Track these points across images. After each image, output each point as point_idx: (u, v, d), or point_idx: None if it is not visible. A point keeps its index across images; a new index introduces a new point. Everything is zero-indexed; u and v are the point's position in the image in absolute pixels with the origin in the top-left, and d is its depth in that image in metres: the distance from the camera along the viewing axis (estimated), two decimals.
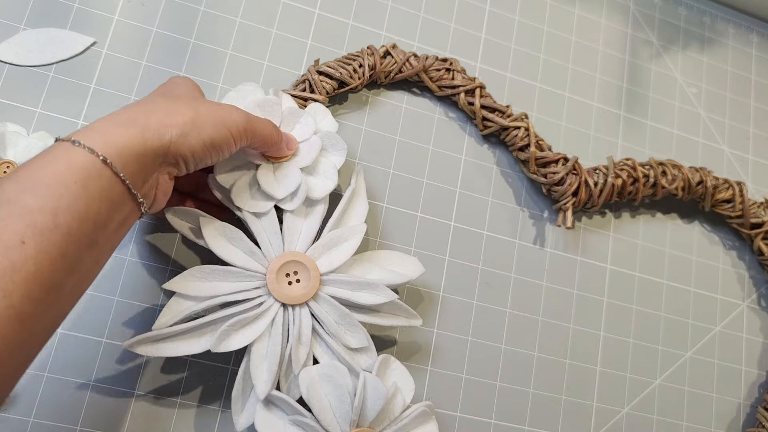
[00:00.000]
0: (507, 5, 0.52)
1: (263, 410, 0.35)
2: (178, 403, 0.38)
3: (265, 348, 0.35)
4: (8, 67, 0.40)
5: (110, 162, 0.28)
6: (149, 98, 0.33)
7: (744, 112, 0.57)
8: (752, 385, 0.50)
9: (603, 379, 0.46)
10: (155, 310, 0.39)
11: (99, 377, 0.37)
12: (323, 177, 0.39)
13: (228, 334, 0.35)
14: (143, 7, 0.44)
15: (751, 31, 0.60)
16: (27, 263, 0.24)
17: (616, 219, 0.50)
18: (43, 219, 0.25)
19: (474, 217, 0.46)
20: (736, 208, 0.50)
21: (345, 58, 0.45)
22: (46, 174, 0.26)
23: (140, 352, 0.34)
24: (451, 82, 0.47)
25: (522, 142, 0.46)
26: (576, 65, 0.53)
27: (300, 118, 0.40)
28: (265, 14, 0.46)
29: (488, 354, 0.44)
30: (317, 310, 0.37)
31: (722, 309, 0.51)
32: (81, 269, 0.27)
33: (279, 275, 0.36)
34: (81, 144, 0.28)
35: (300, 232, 0.38)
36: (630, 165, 0.48)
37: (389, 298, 0.38)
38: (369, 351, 0.38)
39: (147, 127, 0.30)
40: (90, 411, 0.37)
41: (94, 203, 0.27)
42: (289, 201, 0.38)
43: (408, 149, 0.46)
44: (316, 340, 0.37)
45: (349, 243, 0.38)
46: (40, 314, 0.25)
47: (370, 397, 0.36)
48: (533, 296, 0.46)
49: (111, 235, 0.29)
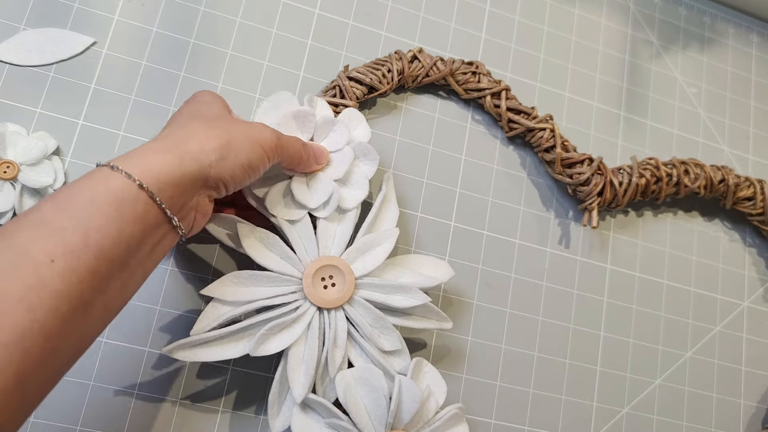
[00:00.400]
0: (507, 5, 0.52)
1: (300, 413, 0.36)
2: (178, 402, 0.38)
3: (302, 352, 0.36)
4: (8, 67, 0.40)
5: (146, 187, 0.28)
6: (180, 122, 0.33)
7: (744, 112, 0.57)
8: (752, 385, 0.50)
9: (603, 379, 0.46)
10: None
11: (99, 377, 0.37)
12: (355, 187, 0.40)
13: (266, 338, 0.35)
14: (143, 7, 0.44)
15: (751, 31, 0.60)
16: (54, 280, 0.25)
17: (616, 219, 0.50)
18: (74, 239, 0.26)
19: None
20: (757, 206, 0.51)
21: (373, 63, 0.45)
22: (83, 196, 0.27)
23: (179, 358, 0.35)
24: (477, 85, 0.47)
25: (547, 144, 0.47)
26: (576, 65, 0.53)
27: (334, 128, 0.40)
28: (265, 14, 0.46)
29: (489, 354, 0.44)
30: (352, 314, 0.37)
31: (722, 309, 0.51)
32: (110, 290, 0.28)
33: (315, 279, 0.37)
34: (119, 169, 0.28)
35: (334, 237, 0.39)
36: (653, 164, 0.49)
37: (422, 301, 0.38)
38: (402, 354, 0.38)
39: (185, 152, 0.30)
40: (90, 411, 0.37)
41: (127, 226, 0.28)
42: (321, 209, 0.38)
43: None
44: (351, 343, 0.38)
45: (382, 247, 0.39)
46: (67, 332, 0.26)
47: (405, 400, 0.36)
48: (534, 296, 0.46)
49: (144, 258, 0.29)
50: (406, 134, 0.47)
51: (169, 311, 0.39)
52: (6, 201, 0.37)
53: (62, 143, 0.40)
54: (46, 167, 0.38)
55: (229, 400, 0.39)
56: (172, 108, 0.42)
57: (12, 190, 0.37)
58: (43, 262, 0.25)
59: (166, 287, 0.40)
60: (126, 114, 0.42)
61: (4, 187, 0.37)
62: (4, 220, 0.37)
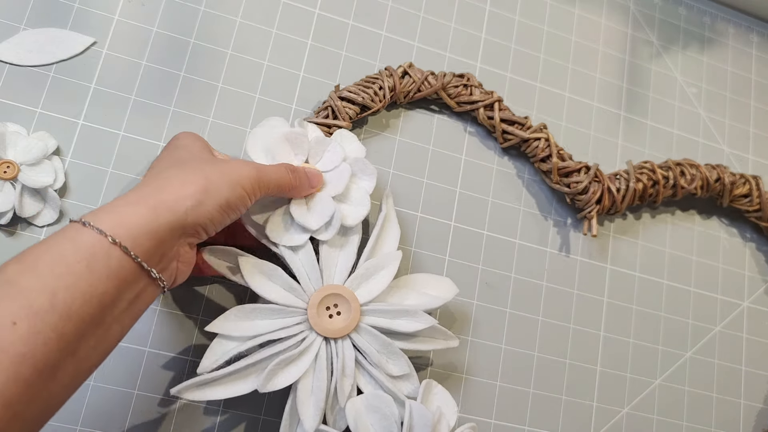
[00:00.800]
0: (507, 5, 0.52)
1: None
2: (178, 402, 0.38)
3: (311, 384, 0.36)
4: (8, 67, 0.40)
5: (119, 242, 0.27)
6: (158, 170, 0.33)
7: (744, 112, 0.57)
8: (752, 385, 0.50)
9: (603, 379, 0.46)
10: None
11: (100, 377, 0.37)
12: (356, 203, 0.39)
13: (274, 373, 0.35)
14: (143, 7, 0.44)
15: (751, 31, 0.60)
16: (17, 344, 0.24)
17: (616, 219, 0.50)
18: (40, 300, 0.25)
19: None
20: (753, 202, 0.51)
21: (364, 81, 0.45)
22: (51, 255, 0.26)
23: (188, 398, 0.35)
24: (470, 97, 0.47)
25: (543, 153, 0.46)
26: (576, 65, 0.53)
27: (328, 147, 0.40)
28: (265, 14, 0.46)
29: (489, 354, 0.44)
30: (359, 342, 0.37)
31: (722, 309, 0.51)
32: (82, 349, 0.27)
33: (320, 309, 0.37)
34: (90, 225, 0.27)
35: (337, 264, 0.38)
36: (649, 168, 0.49)
37: (429, 324, 0.38)
38: (411, 377, 0.38)
39: (160, 203, 0.29)
40: (90, 411, 0.37)
41: (100, 283, 0.27)
42: (324, 231, 0.38)
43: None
44: (359, 370, 0.37)
45: (386, 271, 0.39)
46: (30, 397, 0.24)
47: (416, 425, 0.36)
48: (534, 296, 0.46)
49: (121, 314, 0.28)
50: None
51: (168, 311, 0.39)
52: (6, 201, 0.37)
53: (62, 143, 0.40)
54: (46, 167, 0.38)
55: (230, 400, 0.39)
56: (173, 108, 0.42)
57: (12, 190, 0.37)
58: (5, 326, 0.24)
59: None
60: (126, 114, 0.42)
61: (4, 187, 0.37)
62: (4, 220, 0.37)
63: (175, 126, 0.42)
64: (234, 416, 0.39)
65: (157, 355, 0.38)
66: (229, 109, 0.43)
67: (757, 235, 0.54)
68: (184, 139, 0.35)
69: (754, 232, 0.54)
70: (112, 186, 0.40)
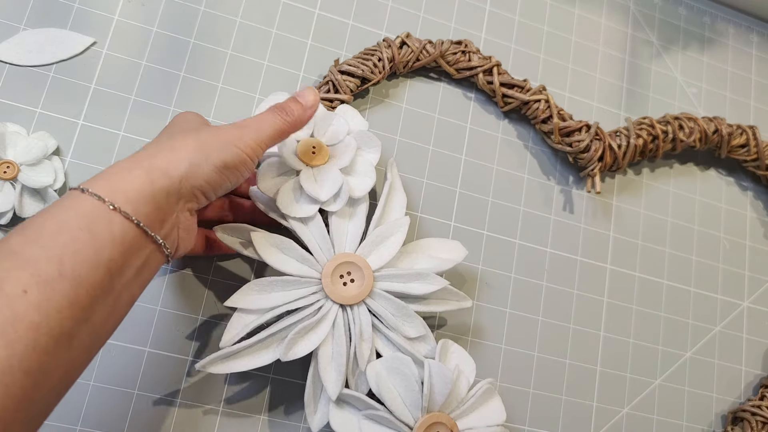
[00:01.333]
0: (507, 5, 0.52)
1: (336, 409, 0.37)
2: (178, 402, 0.38)
3: (331, 350, 0.37)
4: (8, 67, 0.40)
5: (118, 207, 0.27)
6: (155, 139, 0.33)
7: (744, 112, 0.57)
8: (752, 385, 0.50)
9: (603, 379, 0.46)
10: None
11: (99, 377, 0.37)
12: (362, 175, 0.40)
13: (294, 342, 0.36)
14: (143, 7, 0.44)
15: (751, 31, 0.60)
16: (30, 312, 0.24)
17: (616, 218, 0.50)
18: (47, 268, 0.25)
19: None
20: (751, 152, 0.52)
21: (363, 53, 0.46)
22: (53, 223, 0.26)
23: (212, 371, 0.35)
24: (468, 63, 0.47)
25: (544, 115, 0.47)
26: (576, 65, 0.53)
27: (332, 121, 0.41)
28: (265, 14, 0.46)
29: (489, 354, 0.44)
30: (374, 306, 0.38)
31: (722, 309, 0.51)
32: (96, 317, 0.27)
33: (333, 278, 0.37)
34: (88, 191, 0.27)
35: (347, 233, 0.39)
36: (648, 123, 0.49)
37: (441, 285, 0.39)
38: (427, 338, 0.39)
39: (152, 167, 0.29)
40: (90, 411, 0.37)
41: (105, 250, 0.27)
42: (332, 202, 0.38)
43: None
44: (376, 334, 0.38)
45: (395, 237, 0.40)
46: (49, 365, 0.25)
47: (436, 383, 0.37)
48: (534, 297, 0.46)
49: (129, 282, 0.28)
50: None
51: (168, 311, 0.39)
52: (6, 201, 0.37)
53: (62, 143, 0.40)
54: (46, 167, 0.38)
55: (230, 400, 0.39)
56: (173, 108, 0.42)
57: (12, 190, 0.37)
58: (17, 295, 0.24)
59: (166, 288, 0.40)
60: (126, 114, 0.42)
61: (4, 187, 0.37)
62: (4, 220, 0.37)
63: None
64: (234, 416, 0.39)
65: (157, 355, 0.38)
66: (229, 109, 0.43)
67: (759, 238, 0.54)
68: (183, 115, 0.36)
69: (756, 234, 0.54)
70: None
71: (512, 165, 0.48)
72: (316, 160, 0.39)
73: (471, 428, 0.38)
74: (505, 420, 0.39)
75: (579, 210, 0.49)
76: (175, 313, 0.39)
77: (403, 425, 0.37)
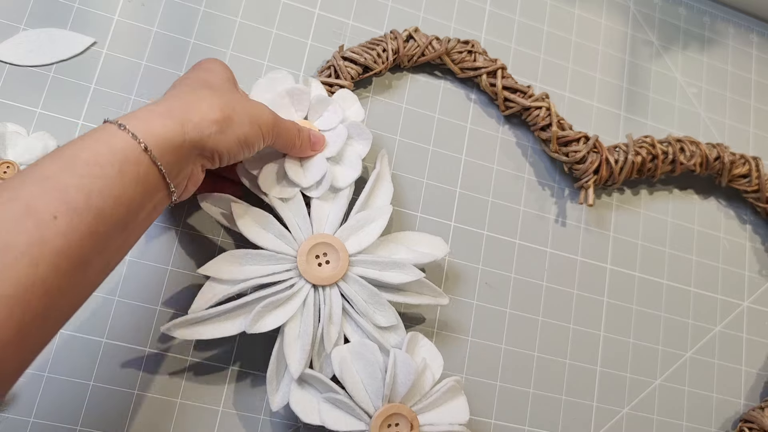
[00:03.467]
0: (507, 5, 0.52)
1: (297, 389, 0.36)
2: (178, 402, 0.38)
3: (298, 328, 0.37)
4: (8, 67, 0.40)
5: (150, 150, 0.28)
6: (189, 87, 0.33)
7: (744, 112, 0.57)
8: (752, 385, 0.50)
9: (603, 379, 0.46)
10: (155, 310, 0.39)
11: (99, 377, 0.37)
12: (348, 166, 0.40)
13: (261, 315, 0.36)
14: (143, 7, 0.44)
15: (751, 31, 0.60)
16: (57, 238, 0.25)
17: (616, 218, 0.50)
18: (77, 197, 0.26)
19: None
20: (752, 183, 0.52)
21: (369, 43, 0.46)
22: (86, 155, 0.27)
23: (177, 336, 0.35)
24: (473, 63, 0.47)
25: (544, 122, 0.47)
26: (576, 65, 0.53)
27: (328, 107, 0.41)
28: (265, 14, 0.46)
29: (489, 354, 0.44)
30: (347, 290, 0.38)
31: (722, 309, 0.51)
32: (109, 250, 0.28)
33: (309, 257, 0.37)
34: (126, 129, 0.28)
35: (327, 216, 0.39)
36: (649, 142, 0.49)
37: (416, 277, 0.39)
38: (398, 329, 0.39)
39: (187, 120, 0.30)
40: (90, 411, 0.37)
41: (129, 189, 0.28)
42: (314, 189, 0.39)
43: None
44: (346, 319, 0.38)
45: (376, 224, 0.39)
46: (66, 288, 0.26)
47: (400, 373, 0.37)
48: (534, 296, 0.46)
49: (142, 221, 0.30)
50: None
51: (168, 311, 0.39)
52: None
53: (62, 143, 0.40)
54: None
55: (230, 400, 0.39)
56: None
57: None
58: (46, 219, 0.25)
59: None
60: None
61: None
62: None
63: None
64: (234, 416, 0.39)
65: (156, 355, 0.38)
66: None
67: (759, 238, 0.54)
68: (213, 64, 0.36)
69: (756, 234, 0.54)
70: None
71: (512, 165, 0.48)
72: None
73: (432, 424, 0.37)
74: (468, 420, 0.38)
75: (579, 210, 0.49)
76: (177, 313, 0.39)
77: (362, 412, 0.36)
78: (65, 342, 0.37)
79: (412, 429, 0.36)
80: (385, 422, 0.36)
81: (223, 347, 0.40)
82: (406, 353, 0.37)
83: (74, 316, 0.34)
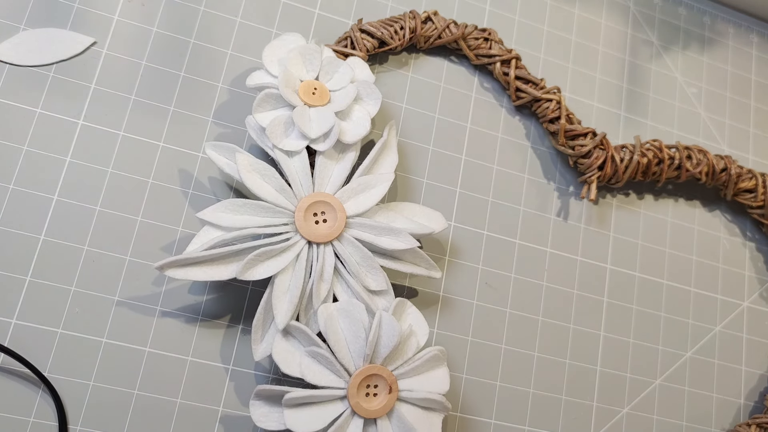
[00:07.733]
0: (507, 5, 0.52)
1: (281, 340, 0.37)
2: (179, 402, 0.38)
3: (288, 281, 0.37)
4: (8, 67, 0.40)
5: None
6: None
7: (744, 112, 0.57)
8: (752, 385, 0.50)
9: (603, 379, 0.46)
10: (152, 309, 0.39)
11: (99, 377, 0.37)
12: (356, 123, 0.41)
13: (254, 263, 0.36)
14: (143, 7, 0.44)
15: (751, 31, 0.60)
16: None
17: (617, 218, 0.50)
18: None
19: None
20: (758, 198, 0.51)
21: (387, 19, 0.46)
22: None
23: (169, 275, 0.35)
24: (488, 51, 0.48)
25: (553, 114, 0.47)
26: (576, 65, 0.53)
27: (339, 68, 0.41)
28: (265, 14, 0.46)
29: (488, 353, 0.44)
30: (341, 250, 0.38)
31: (722, 309, 0.51)
32: None
33: (307, 214, 0.38)
34: None
35: (331, 176, 0.40)
36: (656, 146, 0.49)
37: (411, 245, 0.39)
38: (387, 294, 0.39)
39: None
40: (90, 411, 0.37)
41: None
42: (321, 142, 0.39)
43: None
44: (337, 278, 0.38)
45: (376, 189, 0.40)
46: None
47: (384, 335, 0.37)
48: (534, 296, 0.46)
49: None
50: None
51: (170, 311, 0.39)
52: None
53: (62, 143, 0.40)
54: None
55: (230, 400, 0.39)
56: (172, 108, 0.42)
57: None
58: None
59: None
60: (126, 114, 0.42)
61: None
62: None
63: (175, 126, 0.42)
64: (234, 417, 0.39)
65: (156, 355, 0.38)
66: (229, 109, 0.44)
67: (759, 237, 0.54)
68: None
69: (756, 234, 0.54)
70: (112, 186, 0.40)
71: (512, 165, 0.48)
72: (315, 100, 0.40)
73: (411, 390, 0.37)
74: (447, 391, 0.38)
75: (579, 210, 0.49)
76: (177, 313, 0.39)
77: (343, 370, 0.36)
78: (67, 342, 0.37)
79: (391, 392, 0.37)
80: (364, 382, 0.36)
81: (223, 347, 0.40)
82: (391, 316, 0.37)
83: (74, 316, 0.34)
